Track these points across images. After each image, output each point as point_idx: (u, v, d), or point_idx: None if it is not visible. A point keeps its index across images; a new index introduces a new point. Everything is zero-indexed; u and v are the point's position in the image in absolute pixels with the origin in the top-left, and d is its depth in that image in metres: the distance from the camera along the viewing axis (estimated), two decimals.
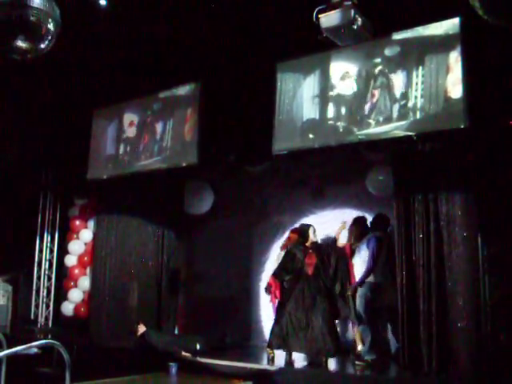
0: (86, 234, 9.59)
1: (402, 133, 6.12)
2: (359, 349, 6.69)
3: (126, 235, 8.82)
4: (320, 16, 5.26)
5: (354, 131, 6.51)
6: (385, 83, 6.39)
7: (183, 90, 8.17)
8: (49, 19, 4.32)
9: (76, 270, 9.53)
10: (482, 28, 4.84)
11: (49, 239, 10.28)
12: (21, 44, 4.35)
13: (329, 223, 7.74)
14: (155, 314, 8.32)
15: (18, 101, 8.70)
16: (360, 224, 7.05)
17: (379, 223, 6.91)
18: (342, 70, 6.73)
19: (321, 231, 7.52)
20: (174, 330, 8.48)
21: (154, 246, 8.66)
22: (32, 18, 4.23)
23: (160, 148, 8.25)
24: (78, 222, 9.70)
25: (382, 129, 6.31)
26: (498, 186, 5.62)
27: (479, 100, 5.71)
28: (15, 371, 5.21)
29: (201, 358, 6.90)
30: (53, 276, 10.19)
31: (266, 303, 8.29)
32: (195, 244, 9.44)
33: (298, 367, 6.54)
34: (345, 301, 6.65)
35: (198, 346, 7.25)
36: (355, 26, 5.21)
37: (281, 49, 6.96)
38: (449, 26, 5.99)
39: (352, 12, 5.15)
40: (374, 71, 6.50)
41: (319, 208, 8.37)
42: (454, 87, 5.85)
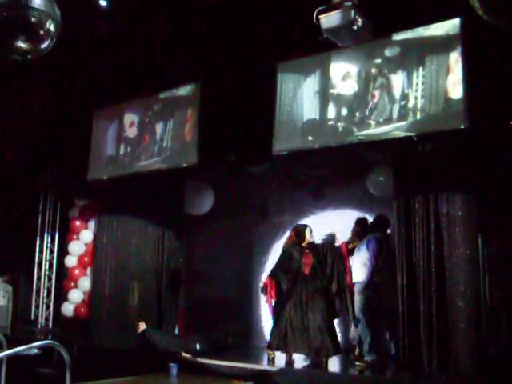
0: (86, 235, 9.60)
1: (403, 133, 6.12)
2: (356, 352, 6.73)
3: (127, 236, 8.81)
4: (320, 17, 5.26)
5: (354, 132, 6.51)
6: (385, 84, 6.39)
7: (183, 91, 8.17)
8: (49, 20, 4.32)
9: (76, 271, 9.54)
10: (482, 29, 4.84)
11: (49, 240, 10.28)
12: (21, 44, 4.35)
13: (329, 224, 7.74)
14: (155, 314, 8.30)
15: (19, 101, 8.70)
16: (361, 225, 7.05)
17: (379, 224, 6.92)
18: (343, 70, 6.73)
19: (321, 232, 7.53)
20: (174, 330, 8.46)
21: (155, 246, 8.63)
22: (32, 19, 4.23)
23: (160, 148, 8.25)
24: (78, 223, 9.71)
25: (382, 129, 6.31)
26: (498, 186, 5.62)
27: (479, 101, 5.71)
28: (15, 372, 5.21)
29: (201, 359, 6.91)
30: (53, 277, 10.19)
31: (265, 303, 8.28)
32: (195, 244, 9.43)
33: (298, 368, 6.55)
34: (341, 300, 6.67)
35: (198, 346, 7.24)
36: (355, 27, 5.21)
37: (281, 49, 6.97)
38: (449, 26, 6.00)
39: (352, 13, 5.15)
40: (374, 72, 6.50)
41: (319, 208, 8.36)
42: (455, 88, 5.86)
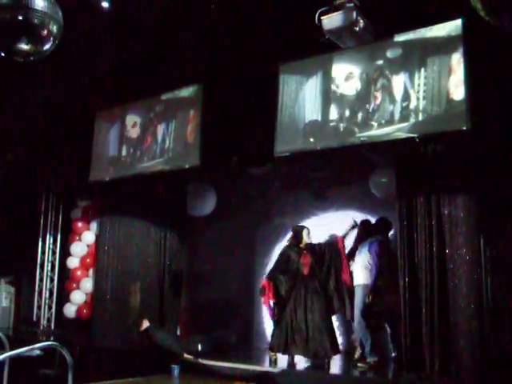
0: (88, 236, 9.61)
1: (404, 134, 6.11)
2: (357, 355, 6.73)
3: (129, 237, 8.82)
4: (322, 18, 5.25)
5: (356, 133, 6.50)
6: (387, 85, 6.38)
7: (186, 92, 8.17)
8: (52, 21, 4.33)
9: (78, 272, 9.56)
10: (484, 30, 4.84)
11: (51, 241, 10.30)
12: (24, 46, 4.36)
13: (331, 225, 7.74)
14: (157, 315, 8.31)
15: (21, 102, 8.71)
16: (365, 227, 7.05)
17: (381, 226, 6.92)
18: (345, 71, 6.72)
19: (323, 233, 7.52)
20: (176, 331, 8.47)
21: (157, 247, 8.64)
22: (35, 21, 4.24)
23: (162, 150, 8.25)
24: (80, 224, 9.72)
25: (384, 130, 6.30)
26: (500, 187, 5.61)
27: (481, 102, 5.70)
28: (18, 373, 5.23)
29: (203, 360, 6.91)
30: (55, 278, 10.21)
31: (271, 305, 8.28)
32: (198, 246, 9.43)
33: (300, 369, 6.55)
34: (339, 297, 6.68)
35: (200, 347, 7.24)
36: (357, 28, 5.21)
37: (283, 50, 6.96)
38: (451, 27, 5.99)
39: (354, 14, 5.15)
40: (375, 73, 6.49)
41: (321, 210, 8.36)
42: (457, 89, 5.84)
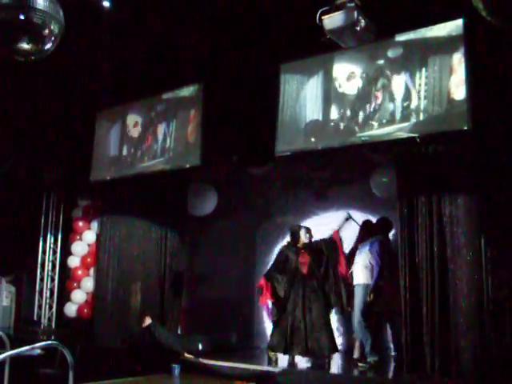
0: (89, 235, 9.61)
1: (405, 134, 6.11)
2: (357, 354, 6.74)
3: (130, 236, 8.83)
4: (323, 18, 5.25)
5: (356, 133, 6.50)
6: (388, 85, 6.37)
7: (186, 92, 8.17)
8: (52, 21, 4.33)
9: (79, 271, 9.56)
10: (485, 29, 4.84)
11: (52, 240, 10.31)
12: (25, 45, 4.36)
13: (332, 225, 7.72)
14: (158, 314, 8.30)
15: (22, 102, 8.72)
16: (366, 227, 7.05)
17: (382, 226, 6.92)
18: (347, 71, 6.72)
19: (324, 233, 7.51)
20: (176, 330, 8.47)
21: (158, 247, 8.64)
22: (36, 20, 4.24)
23: (163, 149, 8.26)
24: (81, 223, 9.72)
25: (385, 130, 6.30)
26: (501, 187, 5.61)
27: (482, 101, 5.70)
28: (18, 372, 5.23)
29: (204, 360, 6.91)
30: (56, 277, 10.22)
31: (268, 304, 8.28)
32: (198, 245, 9.43)
33: (300, 369, 6.55)
34: (336, 290, 6.72)
35: (201, 347, 7.25)
36: (358, 28, 5.20)
37: (284, 50, 6.96)
38: (452, 27, 5.98)
39: (355, 13, 5.15)
40: (376, 73, 6.49)
41: (322, 209, 8.37)
42: (458, 89, 5.84)
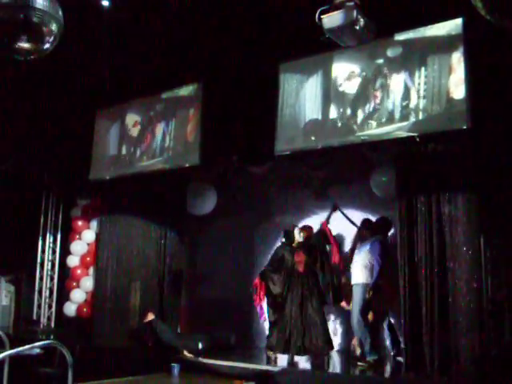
0: (88, 235, 9.61)
1: (405, 133, 6.11)
2: (357, 354, 6.75)
3: (129, 236, 8.82)
4: (322, 17, 5.23)
5: (356, 132, 6.50)
6: (387, 84, 6.38)
7: (186, 91, 8.17)
8: (52, 20, 4.32)
9: (78, 271, 9.55)
10: (484, 28, 4.83)
11: (51, 239, 10.30)
12: (24, 45, 4.35)
13: (331, 224, 7.73)
14: (158, 314, 8.30)
15: (21, 101, 8.71)
16: (365, 226, 7.06)
17: (382, 225, 6.93)
18: (346, 70, 6.72)
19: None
20: (176, 330, 8.47)
21: (157, 246, 8.64)
22: (35, 19, 4.23)
23: (162, 148, 8.26)
24: (80, 223, 9.72)
25: (384, 129, 6.30)
26: (500, 187, 5.61)
27: (482, 101, 5.70)
28: (18, 371, 5.22)
29: (203, 359, 6.91)
30: (55, 276, 10.21)
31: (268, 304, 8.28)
32: (198, 245, 9.43)
33: (300, 368, 6.55)
34: (328, 283, 6.77)
35: (200, 346, 7.24)
36: (358, 27, 5.19)
37: (284, 49, 6.96)
38: (451, 26, 5.99)
39: (354, 13, 5.14)
40: (376, 72, 6.49)
41: (322, 209, 8.34)
42: (457, 88, 5.85)
